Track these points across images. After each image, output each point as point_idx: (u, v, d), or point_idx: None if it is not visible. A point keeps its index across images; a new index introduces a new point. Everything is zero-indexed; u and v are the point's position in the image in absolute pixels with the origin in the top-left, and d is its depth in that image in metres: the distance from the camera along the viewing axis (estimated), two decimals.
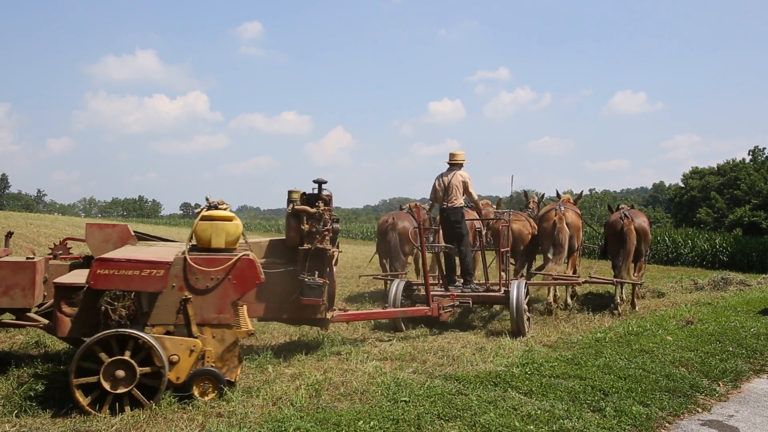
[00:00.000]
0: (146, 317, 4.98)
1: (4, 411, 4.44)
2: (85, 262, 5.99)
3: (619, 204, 11.59)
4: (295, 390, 4.96)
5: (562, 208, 9.94)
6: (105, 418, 4.32)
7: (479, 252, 10.00)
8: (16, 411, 4.43)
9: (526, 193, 12.75)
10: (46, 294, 5.67)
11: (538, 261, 11.15)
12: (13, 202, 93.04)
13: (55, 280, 5.08)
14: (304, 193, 6.08)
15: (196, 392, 4.78)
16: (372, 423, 4.18)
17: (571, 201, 10.92)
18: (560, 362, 6.01)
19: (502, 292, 8.14)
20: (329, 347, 6.55)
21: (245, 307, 5.17)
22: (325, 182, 6.10)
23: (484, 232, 10.14)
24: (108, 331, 4.62)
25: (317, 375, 5.44)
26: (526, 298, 7.89)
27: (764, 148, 53.83)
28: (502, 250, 9.02)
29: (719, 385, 5.75)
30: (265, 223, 59.86)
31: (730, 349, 7.10)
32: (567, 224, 9.77)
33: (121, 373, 4.54)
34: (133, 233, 5.91)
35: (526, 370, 5.64)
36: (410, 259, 11.79)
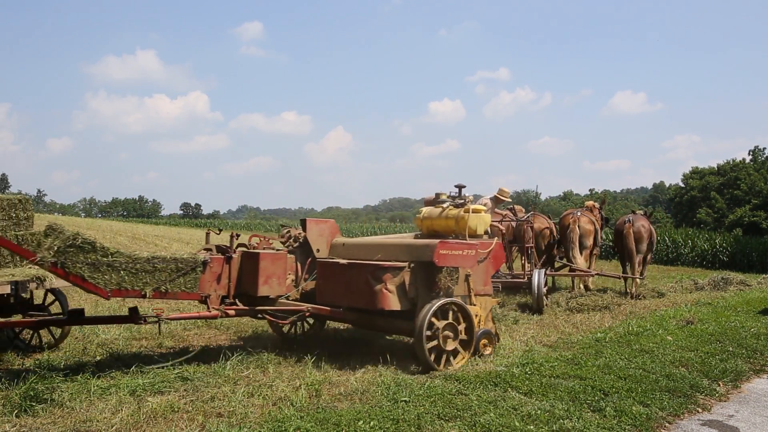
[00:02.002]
0: (451, 290, 6.16)
1: (4, 411, 4.44)
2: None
3: (633, 208, 13.89)
4: (295, 390, 4.96)
5: (578, 213, 11.98)
6: (105, 417, 4.32)
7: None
8: (16, 411, 4.43)
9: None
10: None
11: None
12: None
13: (380, 262, 6.06)
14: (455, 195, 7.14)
15: (481, 348, 6.19)
16: (372, 423, 4.18)
17: (597, 206, 12.99)
18: (560, 362, 6.00)
19: (526, 278, 10.26)
20: (329, 347, 6.55)
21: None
22: (464, 186, 7.20)
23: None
24: (445, 300, 5.91)
25: (317, 375, 5.44)
26: (545, 285, 9.94)
27: (764, 148, 53.93)
28: (526, 245, 11.10)
29: (719, 385, 5.75)
30: (266, 223, 59.85)
31: (730, 349, 7.10)
32: (579, 227, 11.67)
33: (449, 333, 5.89)
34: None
35: (526, 370, 5.64)
36: None
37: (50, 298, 6.73)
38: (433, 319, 5.77)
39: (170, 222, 70.25)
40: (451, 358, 5.93)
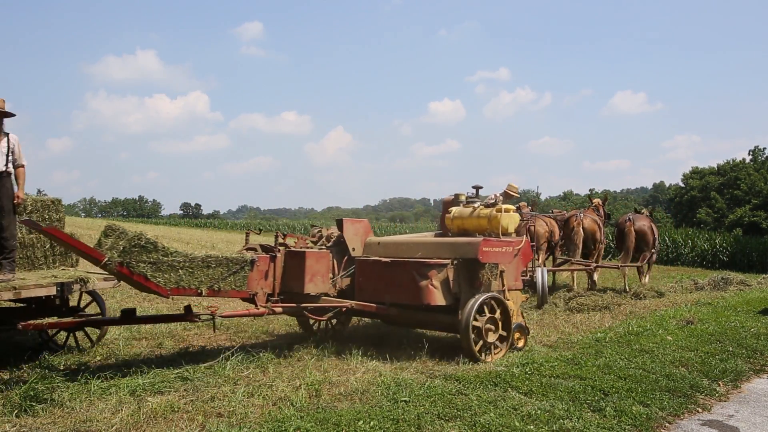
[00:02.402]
0: (490, 286, 6.55)
1: (4, 411, 4.44)
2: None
3: (637, 207, 14.33)
4: (295, 390, 4.96)
5: (581, 215, 12.40)
6: (105, 417, 4.32)
7: None
8: (16, 411, 4.43)
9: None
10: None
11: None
12: None
13: (425, 259, 6.39)
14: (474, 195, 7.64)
15: (515, 341, 6.66)
16: (372, 423, 4.17)
17: (601, 204, 13.46)
18: (560, 362, 6.00)
19: (529, 276, 9.97)
20: (329, 347, 6.55)
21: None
22: (482, 187, 7.70)
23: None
24: (488, 295, 6.36)
25: (317, 375, 5.44)
26: (548, 281, 10.76)
27: (764, 148, 53.86)
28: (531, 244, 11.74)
29: (719, 385, 5.75)
30: (266, 223, 59.78)
31: (730, 349, 7.10)
32: (583, 229, 12.12)
33: (490, 326, 6.35)
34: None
35: (526, 370, 5.64)
36: None
37: (72, 299, 6.72)
38: (478, 314, 6.23)
39: (170, 222, 70.22)
40: (492, 350, 6.39)
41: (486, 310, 6.35)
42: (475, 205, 7.16)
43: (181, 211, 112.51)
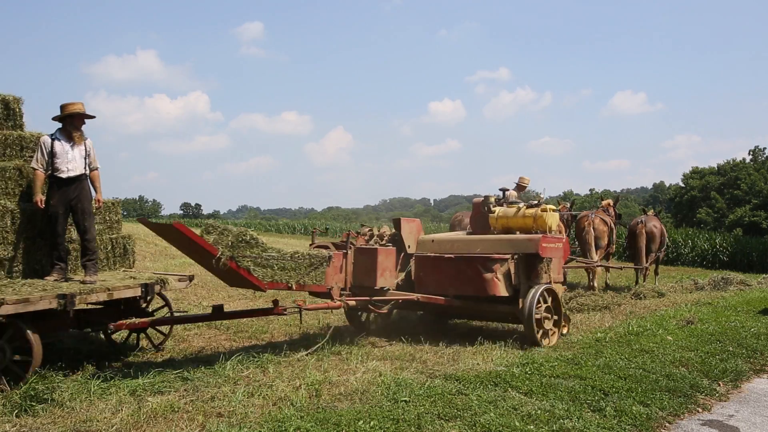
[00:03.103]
0: (544, 278, 7.32)
1: (4, 411, 4.44)
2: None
3: (644, 208, 15.27)
4: (295, 390, 4.96)
5: (592, 215, 12.62)
6: (105, 417, 4.32)
7: None
8: (16, 411, 4.43)
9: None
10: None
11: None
12: None
13: (491, 254, 7.06)
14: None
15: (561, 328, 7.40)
16: (372, 423, 4.17)
17: (611, 204, 13.72)
18: (560, 362, 6.00)
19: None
20: (329, 347, 6.55)
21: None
22: (508, 189, 8.44)
23: None
24: (545, 286, 7.16)
25: (317, 375, 5.44)
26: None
27: (764, 148, 53.83)
28: None
29: (719, 385, 5.75)
30: (266, 223, 59.71)
31: (730, 349, 7.10)
32: (594, 228, 12.36)
33: (547, 314, 7.10)
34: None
35: (526, 370, 5.63)
36: None
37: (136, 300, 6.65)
38: (538, 303, 6.93)
39: (170, 222, 70.10)
40: (549, 336, 7.13)
41: (542, 300, 7.07)
42: (520, 205, 7.86)
43: (181, 211, 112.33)
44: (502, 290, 6.92)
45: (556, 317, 7.29)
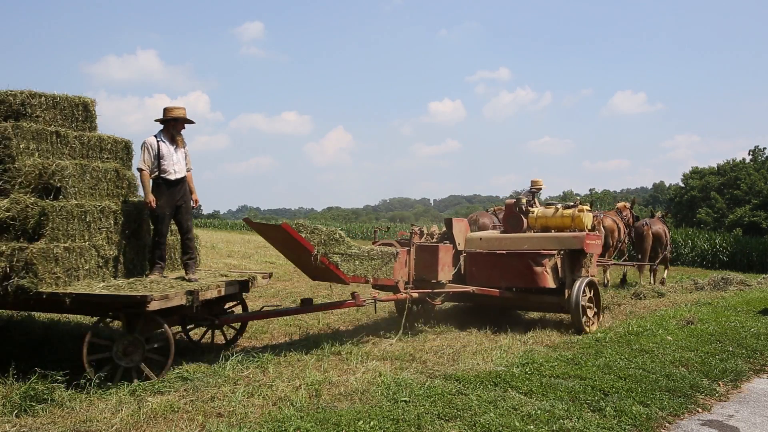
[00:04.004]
0: (585, 272, 8.26)
1: (4, 411, 4.44)
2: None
3: (653, 209, 16.07)
4: (295, 390, 4.96)
5: (601, 215, 12.78)
6: (105, 417, 4.32)
7: None
8: (16, 411, 4.43)
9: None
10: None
11: None
12: None
13: (540, 250, 7.87)
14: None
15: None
16: (372, 423, 4.17)
17: (628, 207, 14.21)
18: (560, 362, 6.00)
19: None
20: (329, 347, 6.55)
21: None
22: (538, 190, 9.63)
23: None
24: (588, 278, 8.07)
25: (317, 375, 5.44)
26: None
27: (764, 148, 53.75)
28: None
29: (719, 385, 5.75)
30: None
31: (730, 349, 7.10)
32: (604, 227, 12.46)
33: (590, 304, 8.07)
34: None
35: (526, 370, 5.63)
36: None
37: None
38: (582, 294, 7.79)
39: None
40: (591, 324, 8.01)
41: (587, 291, 8.02)
42: (558, 206, 8.71)
43: None
44: (550, 282, 7.76)
45: (596, 308, 8.30)
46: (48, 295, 5.21)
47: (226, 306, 6.99)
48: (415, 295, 7.48)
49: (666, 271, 14.48)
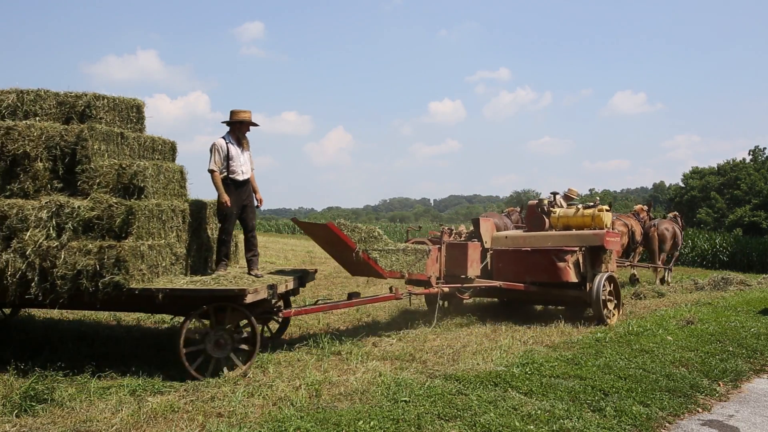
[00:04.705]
0: (605, 267, 8.81)
1: (4, 411, 4.44)
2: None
3: (666, 212, 16.69)
4: (295, 390, 4.96)
5: (614, 217, 12.97)
6: (105, 417, 4.32)
7: None
8: (16, 411, 4.43)
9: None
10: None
11: None
12: None
13: (563, 247, 8.47)
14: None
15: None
16: (372, 423, 4.17)
17: (645, 210, 14.69)
18: (560, 362, 6.00)
19: None
20: (329, 347, 6.55)
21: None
22: (558, 193, 10.04)
23: None
24: (608, 273, 8.67)
25: (317, 375, 5.44)
26: None
27: (764, 148, 53.69)
28: None
29: (719, 385, 5.75)
30: (266, 224, 59.64)
31: (731, 349, 7.10)
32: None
33: (610, 297, 8.67)
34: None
35: (526, 370, 5.63)
36: None
37: None
38: (603, 287, 8.36)
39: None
40: (611, 316, 8.59)
41: (607, 285, 8.56)
42: (578, 206, 9.35)
43: None
44: (572, 277, 8.34)
45: (615, 301, 8.82)
46: (140, 291, 5.39)
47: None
48: (446, 289, 8.02)
49: (668, 274, 14.52)
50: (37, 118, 6.19)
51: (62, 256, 5.31)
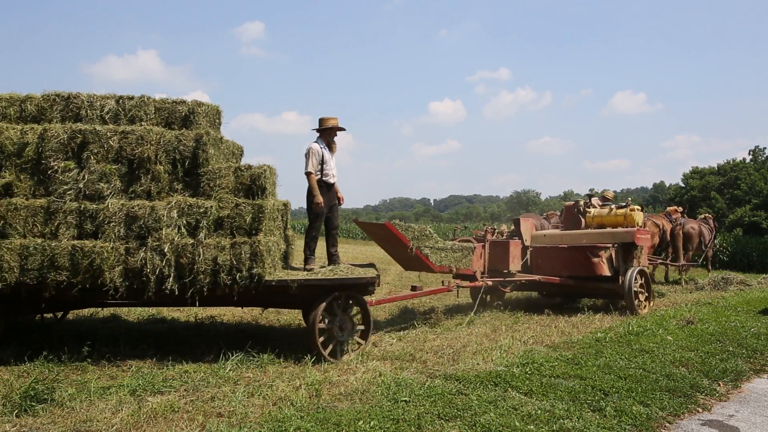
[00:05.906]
0: (636, 262, 9.67)
1: (4, 411, 4.44)
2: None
3: (698, 212, 17.37)
4: (295, 390, 4.96)
5: (645, 218, 13.55)
6: (105, 417, 4.32)
7: None
8: (16, 411, 4.43)
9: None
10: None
11: None
12: None
13: (597, 244, 9.31)
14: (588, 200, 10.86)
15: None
16: (372, 423, 4.17)
17: (679, 211, 15.34)
18: (560, 362, 6.00)
19: None
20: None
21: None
22: (595, 197, 10.84)
23: None
24: (639, 267, 9.44)
25: (317, 375, 5.44)
26: None
27: (764, 148, 53.71)
28: None
29: (719, 385, 5.75)
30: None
31: (731, 349, 7.10)
32: None
33: (642, 290, 9.51)
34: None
35: (526, 370, 5.63)
36: None
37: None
38: (635, 280, 9.12)
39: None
40: (643, 307, 9.35)
41: (639, 278, 9.34)
42: (612, 206, 10.15)
43: None
44: (606, 271, 9.15)
45: (647, 293, 9.56)
46: (277, 282, 5.90)
47: None
48: (490, 282, 8.75)
49: (684, 271, 14.99)
50: (143, 123, 6.37)
51: (201, 252, 5.67)
